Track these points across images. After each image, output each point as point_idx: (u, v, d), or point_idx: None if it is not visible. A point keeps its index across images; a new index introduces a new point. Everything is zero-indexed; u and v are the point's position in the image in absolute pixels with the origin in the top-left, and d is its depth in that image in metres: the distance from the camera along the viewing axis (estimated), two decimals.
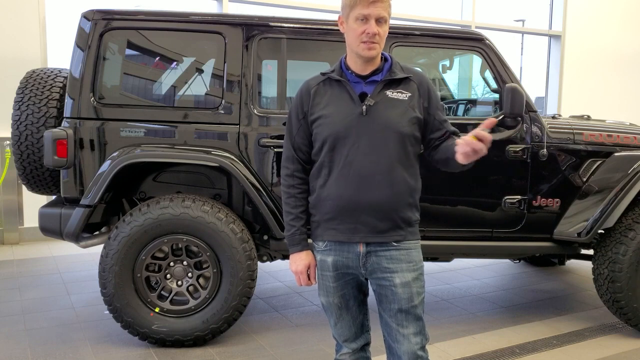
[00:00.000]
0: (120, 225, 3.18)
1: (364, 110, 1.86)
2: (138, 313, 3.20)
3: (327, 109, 1.91)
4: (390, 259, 1.90)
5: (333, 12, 7.25)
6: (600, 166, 3.65)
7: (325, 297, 2.02)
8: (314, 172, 1.96)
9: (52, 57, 5.88)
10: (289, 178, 2.01)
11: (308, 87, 1.99)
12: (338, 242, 1.92)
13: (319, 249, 1.98)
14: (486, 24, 8.26)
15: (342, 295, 1.99)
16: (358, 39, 1.84)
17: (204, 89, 3.51)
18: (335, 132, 1.87)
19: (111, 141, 3.29)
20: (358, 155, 1.85)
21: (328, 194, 1.90)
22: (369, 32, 1.81)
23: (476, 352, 3.35)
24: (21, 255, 5.31)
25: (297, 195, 2.00)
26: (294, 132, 1.99)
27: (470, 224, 3.55)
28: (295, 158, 2.00)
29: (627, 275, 3.48)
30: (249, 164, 3.36)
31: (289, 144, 2.01)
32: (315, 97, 1.95)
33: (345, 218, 1.89)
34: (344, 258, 1.93)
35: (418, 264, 1.94)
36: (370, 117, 1.86)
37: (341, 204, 1.87)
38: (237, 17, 3.44)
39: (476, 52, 3.55)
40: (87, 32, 3.30)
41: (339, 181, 1.88)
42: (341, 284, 1.98)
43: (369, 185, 1.85)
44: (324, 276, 1.99)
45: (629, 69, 9.42)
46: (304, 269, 2.01)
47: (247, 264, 3.22)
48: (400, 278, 1.89)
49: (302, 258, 2.01)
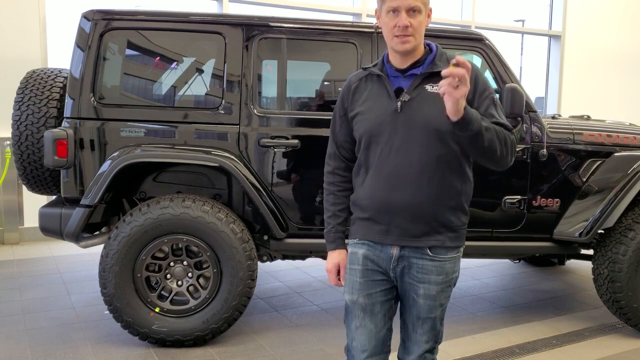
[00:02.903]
0: (121, 225, 3.18)
1: (398, 106, 1.78)
2: (138, 313, 3.20)
3: (364, 105, 1.85)
4: (422, 268, 1.82)
5: (333, 12, 7.25)
6: (600, 166, 3.66)
7: (349, 294, 1.90)
8: (354, 170, 1.92)
9: (52, 57, 5.88)
10: (329, 175, 1.99)
11: (349, 83, 1.92)
12: (372, 242, 1.86)
13: (352, 242, 1.91)
14: (486, 24, 8.26)
15: (369, 295, 1.87)
16: (391, 33, 1.76)
17: (204, 89, 3.51)
18: (369, 129, 1.81)
19: (111, 141, 3.30)
20: (391, 154, 1.78)
21: (364, 194, 1.85)
22: (399, 25, 1.72)
23: (476, 352, 3.35)
24: (21, 255, 5.31)
25: (336, 192, 1.97)
26: (336, 129, 1.96)
27: (470, 224, 3.51)
28: (338, 155, 1.97)
29: (627, 275, 3.48)
30: (249, 164, 3.36)
31: (332, 141, 1.98)
32: (356, 93, 1.89)
33: (379, 219, 1.82)
34: (376, 256, 1.86)
35: (449, 276, 1.85)
36: (406, 114, 1.77)
37: (375, 205, 1.82)
38: (237, 17, 3.44)
39: (476, 52, 3.55)
40: (87, 32, 3.30)
41: (373, 181, 1.82)
42: (369, 283, 1.87)
43: (401, 186, 1.77)
44: (351, 270, 1.90)
45: (629, 69, 9.42)
46: (333, 268, 1.96)
47: (247, 264, 3.22)
48: (425, 290, 1.82)
49: (334, 257, 1.97)
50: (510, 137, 1.76)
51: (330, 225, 1.97)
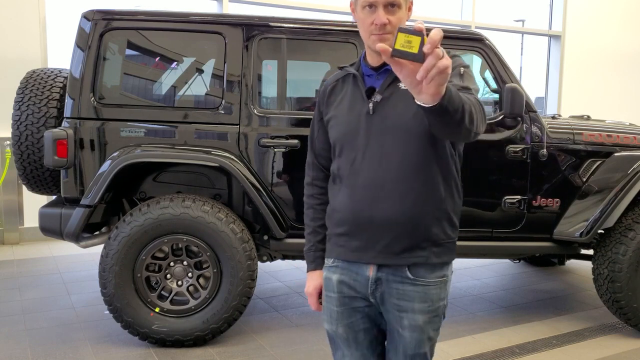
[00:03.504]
0: (121, 225, 3.18)
1: (370, 108, 1.57)
2: (138, 313, 3.20)
3: (338, 109, 1.65)
4: (403, 295, 1.58)
5: (333, 12, 7.25)
6: (600, 166, 3.66)
7: (328, 323, 1.69)
8: (330, 180, 1.72)
9: (52, 57, 5.88)
10: (308, 187, 1.80)
11: (325, 84, 1.73)
12: (347, 261, 1.64)
13: (326, 266, 1.70)
14: (486, 24, 8.26)
15: (349, 325, 1.65)
16: (367, 30, 1.54)
17: (204, 89, 3.51)
18: (341, 134, 1.62)
19: (111, 141, 3.30)
20: (365, 161, 1.56)
21: (338, 206, 1.64)
22: (377, 22, 1.50)
23: (476, 352, 3.35)
24: (21, 255, 5.31)
25: (315, 206, 1.77)
26: (314, 135, 1.77)
27: (470, 224, 3.55)
28: (316, 164, 1.78)
29: (627, 275, 3.48)
30: (249, 164, 3.36)
31: (310, 148, 1.79)
32: (331, 95, 1.70)
33: (354, 234, 1.60)
34: (351, 279, 1.63)
35: (435, 304, 1.60)
36: (379, 116, 1.56)
37: (349, 218, 1.60)
38: (237, 17, 3.44)
39: (476, 52, 3.55)
40: (87, 32, 3.30)
41: (347, 191, 1.60)
42: (347, 311, 1.65)
43: (377, 196, 1.55)
44: (328, 298, 1.68)
45: (629, 69, 9.42)
46: (314, 291, 1.75)
47: (247, 264, 3.22)
48: (410, 320, 1.58)
49: (314, 278, 1.76)
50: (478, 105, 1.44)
51: (310, 243, 1.77)
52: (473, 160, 3.43)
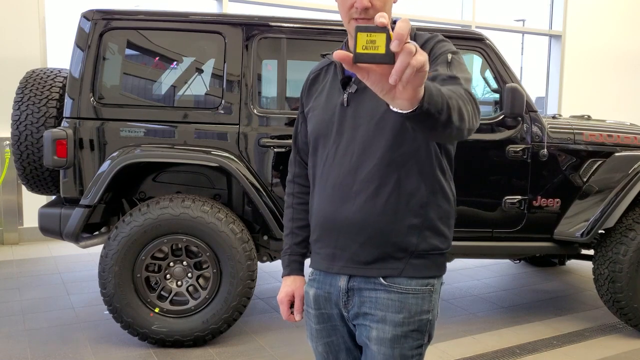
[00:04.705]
0: (120, 225, 3.18)
1: (344, 99, 1.40)
2: (138, 313, 3.20)
3: (317, 100, 1.49)
4: (375, 302, 1.38)
5: (333, 12, 7.25)
6: (601, 166, 3.65)
7: (310, 340, 1.55)
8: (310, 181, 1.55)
9: (52, 57, 5.88)
10: (289, 184, 1.65)
11: (309, 74, 1.58)
12: (321, 272, 1.47)
13: (308, 278, 1.55)
14: (486, 24, 8.26)
15: (329, 344, 1.49)
16: (347, 14, 1.35)
17: (203, 89, 3.51)
18: (316, 129, 1.46)
19: (111, 141, 3.29)
20: (336, 158, 1.40)
21: (312, 210, 1.50)
22: (357, 6, 1.31)
23: (476, 353, 3.35)
24: (21, 255, 5.31)
25: (295, 205, 1.61)
26: (298, 129, 1.61)
27: (471, 224, 3.54)
28: (298, 160, 1.63)
29: (628, 276, 3.47)
30: (249, 164, 3.36)
31: (293, 143, 1.64)
32: (313, 85, 1.54)
33: (325, 241, 1.44)
34: (326, 293, 1.46)
35: (414, 316, 1.36)
36: (354, 108, 1.39)
37: (320, 223, 1.44)
38: (237, 17, 3.44)
39: (476, 52, 3.55)
40: (87, 32, 3.30)
41: (319, 193, 1.45)
42: (327, 329, 1.48)
43: (346, 198, 1.38)
44: (307, 314, 1.53)
45: (630, 68, 9.42)
46: (284, 298, 1.57)
47: (247, 264, 3.22)
48: (379, 331, 1.37)
49: (287, 284, 1.58)
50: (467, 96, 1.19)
51: (287, 245, 1.60)
52: (473, 160, 3.43)
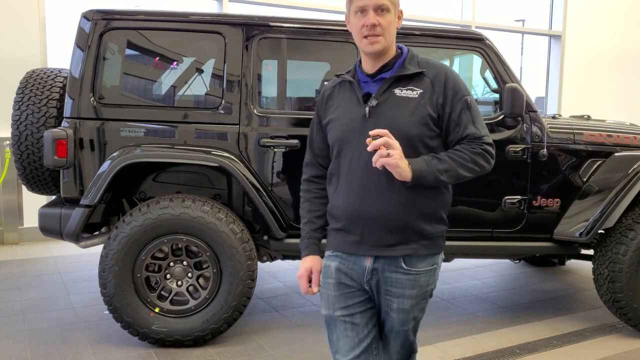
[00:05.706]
0: (120, 225, 3.18)
1: (366, 112, 1.75)
2: (138, 313, 3.20)
3: (336, 113, 1.84)
4: (396, 282, 1.78)
5: (333, 12, 7.25)
6: (601, 166, 3.65)
7: (326, 309, 1.87)
8: (328, 178, 1.89)
9: (52, 57, 5.88)
10: (306, 183, 1.98)
11: (324, 90, 1.92)
12: (345, 253, 1.82)
13: (326, 255, 1.88)
14: (486, 24, 8.26)
15: (346, 308, 1.84)
16: (360, 34, 1.72)
17: (203, 89, 3.51)
18: (340, 136, 1.80)
19: (111, 141, 3.29)
20: (361, 161, 1.73)
21: (336, 203, 1.82)
22: (367, 24, 1.69)
23: (476, 352, 3.35)
24: (21, 255, 5.31)
25: (312, 199, 1.95)
26: (313, 137, 1.96)
27: (471, 224, 3.54)
28: (314, 164, 1.97)
29: (628, 276, 3.47)
30: (249, 164, 3.36)
31: (309, 149, 1.98)
32: (329, 100, 1.89)
33: (352, 229, 1.78)
34: (349, 269, 1.82)
35: (424, 289, 1.81)
36: (375, 120, 1.73)
37: (346, 214, 1.78)
38: (237, 17, 3.44)
39: (476, 52, 3.55)
40: (87, 32, 3.30)
41: (345, 189, 1.78)
42: (345, 296, 1.83)
43: (372, 194, 1.73)
44: (325, 284, 1.86)
45: (629, 68, 9.42)
46: (304, 273, 1.90)
47: (247, 264, 3.22)
48: (399, 304, 1.80)
49: (306, 262, 1.91)
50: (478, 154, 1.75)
51: (305, 231, 1.94)
52: None
